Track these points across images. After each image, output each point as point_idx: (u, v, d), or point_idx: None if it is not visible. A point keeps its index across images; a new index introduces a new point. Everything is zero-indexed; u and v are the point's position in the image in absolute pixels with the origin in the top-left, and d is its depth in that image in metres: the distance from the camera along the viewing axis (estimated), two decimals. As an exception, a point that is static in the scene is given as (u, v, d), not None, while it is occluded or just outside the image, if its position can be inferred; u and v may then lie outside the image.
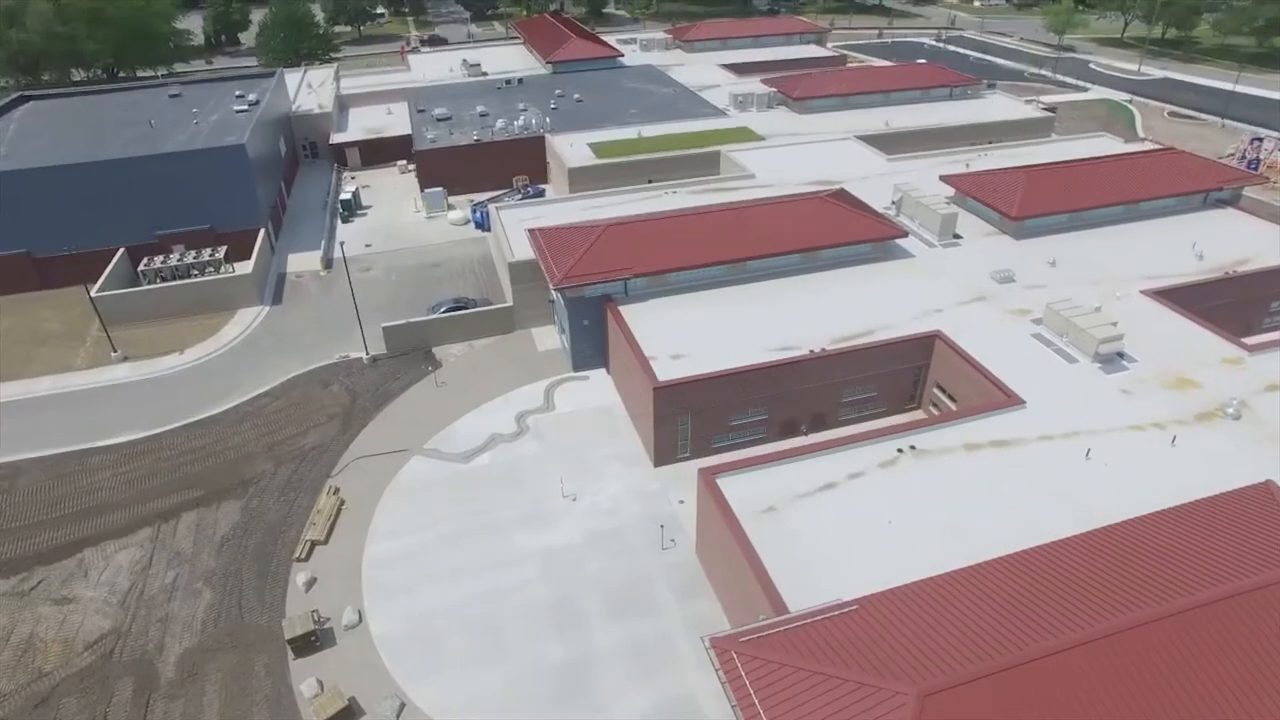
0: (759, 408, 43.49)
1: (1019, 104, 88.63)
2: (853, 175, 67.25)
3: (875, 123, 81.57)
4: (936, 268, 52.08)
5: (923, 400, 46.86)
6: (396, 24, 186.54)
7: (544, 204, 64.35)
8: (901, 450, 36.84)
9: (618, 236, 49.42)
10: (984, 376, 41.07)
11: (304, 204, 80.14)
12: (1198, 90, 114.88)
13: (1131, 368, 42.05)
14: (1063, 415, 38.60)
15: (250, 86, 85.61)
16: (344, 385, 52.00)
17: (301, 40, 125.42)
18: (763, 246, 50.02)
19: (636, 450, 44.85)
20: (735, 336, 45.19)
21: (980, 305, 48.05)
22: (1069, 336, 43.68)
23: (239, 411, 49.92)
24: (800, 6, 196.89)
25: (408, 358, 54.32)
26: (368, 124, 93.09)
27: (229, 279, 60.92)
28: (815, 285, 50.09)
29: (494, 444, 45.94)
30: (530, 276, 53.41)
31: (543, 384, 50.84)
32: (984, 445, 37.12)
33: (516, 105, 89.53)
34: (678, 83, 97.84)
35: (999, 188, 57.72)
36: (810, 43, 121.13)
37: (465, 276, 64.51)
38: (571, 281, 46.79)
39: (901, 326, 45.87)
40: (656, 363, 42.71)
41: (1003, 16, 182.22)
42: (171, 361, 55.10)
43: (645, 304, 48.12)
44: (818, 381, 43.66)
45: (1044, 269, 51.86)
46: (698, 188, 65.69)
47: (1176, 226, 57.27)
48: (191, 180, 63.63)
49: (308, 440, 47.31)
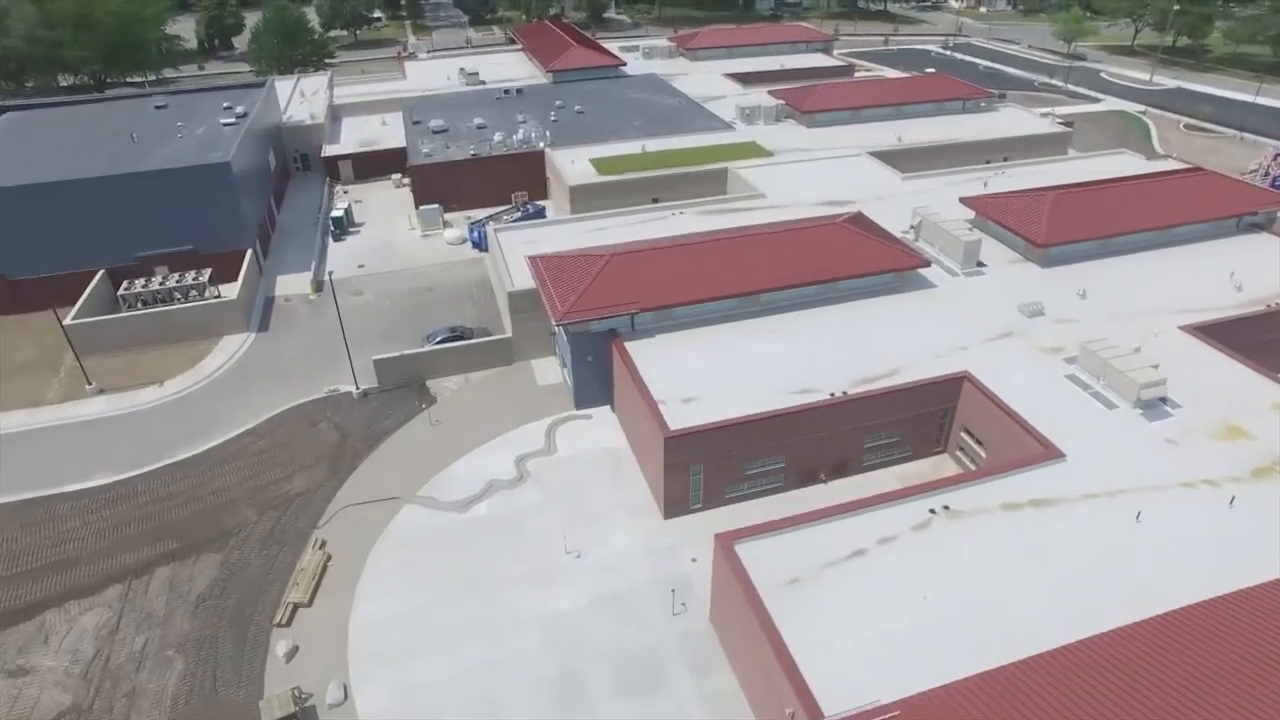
0: (776, 455, 40.58)
1: (1035, 117, 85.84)
2: (867, 195, 64.45)
3: (887, 137, 78.74)
4: (960, 299, 49.21)
5: (949, 444, 44.00)
6: (394, 28, 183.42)
7: (544, 225, 61.42)
8: (934, 511, 33.95)
9: (623, 267, 46.50)
10: (1018, 424, 38.21)
11: (295, 220, 77.12)
12: (1212, 101, 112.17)
13: (1176, 414, 39.22)
14: (1106, 470, 35.74)
15: (239, 97, 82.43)
16: (333, 423, 49.00)
17: (295, 46, 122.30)
18: (778, 278, 47.13)
19: (644, 500, 41.91)
20: (750, 376, 42.30)
21: (1009, 342, 45.18)
22: (1107, 379, 40.82)
23: (221, 452, 46.90)
24: (804, 12, 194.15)
25: (400, 392, 51.34)
26: (361, 135, 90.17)
27: (212, 305, 57.85)
28: (833, 318, 47.20)
29: (492, 491, 42.97)
30: (530, 306, 50.46)
31: (544, 423, 47.87)
32: (1023, 505, 34.24)
33: (515, 117, 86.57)
34: (682, 93, 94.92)
35: (1023, 212, 54.87)
36: (817, 51, 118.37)
37: (462, 302, 61.51)
38: (575, 317, 43.87)
39: (926, 365, 43.00)
40: (666, 408, 39.78)
41: (1009, 23, 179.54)
42: (151, 395, 52.06)
43: (653, 339, 45.20)
44: (839, 427, 40.78)
45: (1074, 301, 49.03)
46: (706, 209, 62.80)
47: (1210, 253, 54.46)
48: (174, 199, 60.58)
49: (293, 485, 44.31)
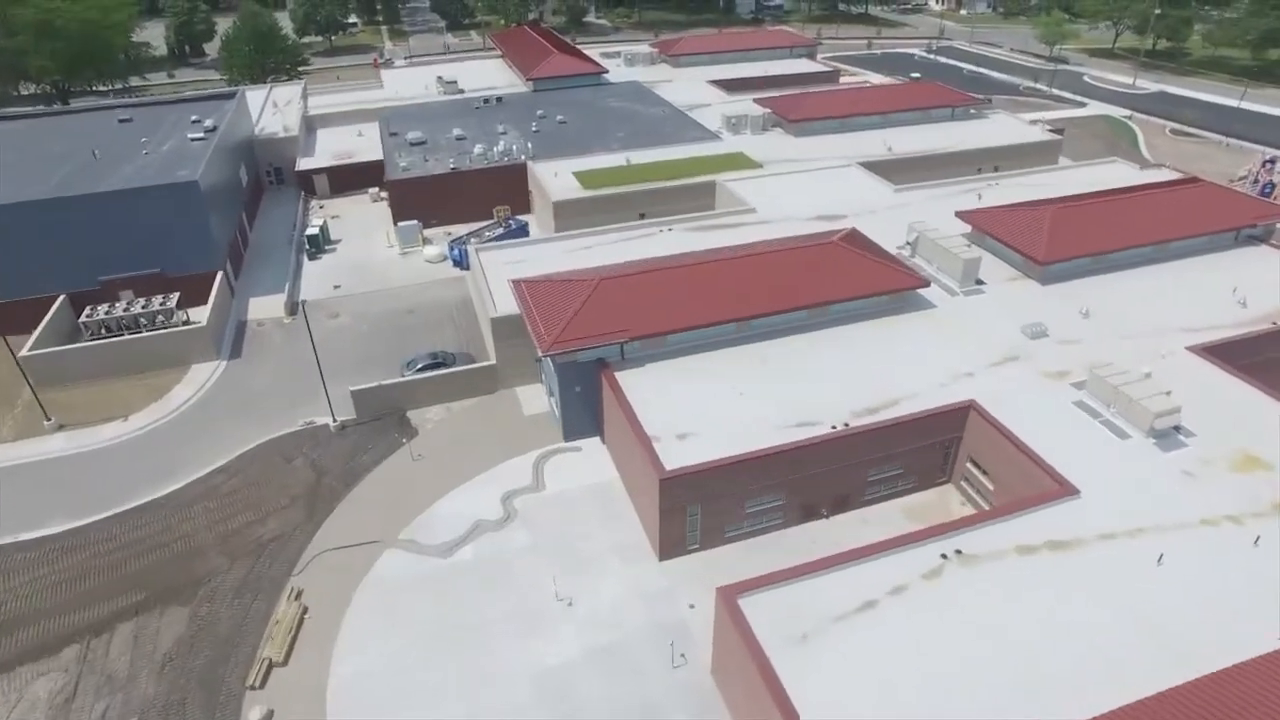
0: (776, 492, 38.69)
1: (1025, 125, 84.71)
2: (859, 208, 62.83)
3: (876, 147, 77.21)
4: (961, 320, 47.60)
5: (954, 474, 42.35)
6: (370, 33, 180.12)
7: (528, 245, 59.20)
8: (946, 556, 32.19)
9: (611, 293, 44.44)
10: (1030, 459, 36.57)
11: (268, 237, 74.33)
12: (1196, 105, 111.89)
13: (1191, 443, 37.75)
14: (1123, 507, 34.17)
15: (209, 109, 79.41)
16: (309, 459, 46.54)
17: (268, 54, 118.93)
18: (772, 302, 45.27)
19: (638, 539, 39.86)
20: (746, 408, 40.41)
21: (1013, 366, 43.58)
22: (1117, 407, 39.30)
23: (189, 492, 44.33)
24: (785, 15, 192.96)
25: (380, 424, 48.97)
26: (337, 147, 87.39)
27: (181, 333, 55.10)
28: (831, 343, 45.40)
29: (478, 533, 40.74)
30: (514, 332, 48.23)
31: (531, 456, 45.68)
32: (1039, 547, 32.57)
33: (496, 127, 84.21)
34: (666, 101, 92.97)
35: (1022, 227, 53.42)
36: (801, 56, 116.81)
37: (443, 325, 59.13)
38: (562, 347, 41.75)
39: (929, 394, 41.29)
40: (660, 445, 37.76)
41: (990, 25, 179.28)
42: (114, 430, 49.31)
43: (643, 369, 43.16)
44: (841, 462, 38.97)
45: (1076, 320, 47.57)
46: (694, 224, 60.87)
47: (1210, 268, 53.29)
48: (139, 220, 57.73)
49: (267, 529, 41.85)
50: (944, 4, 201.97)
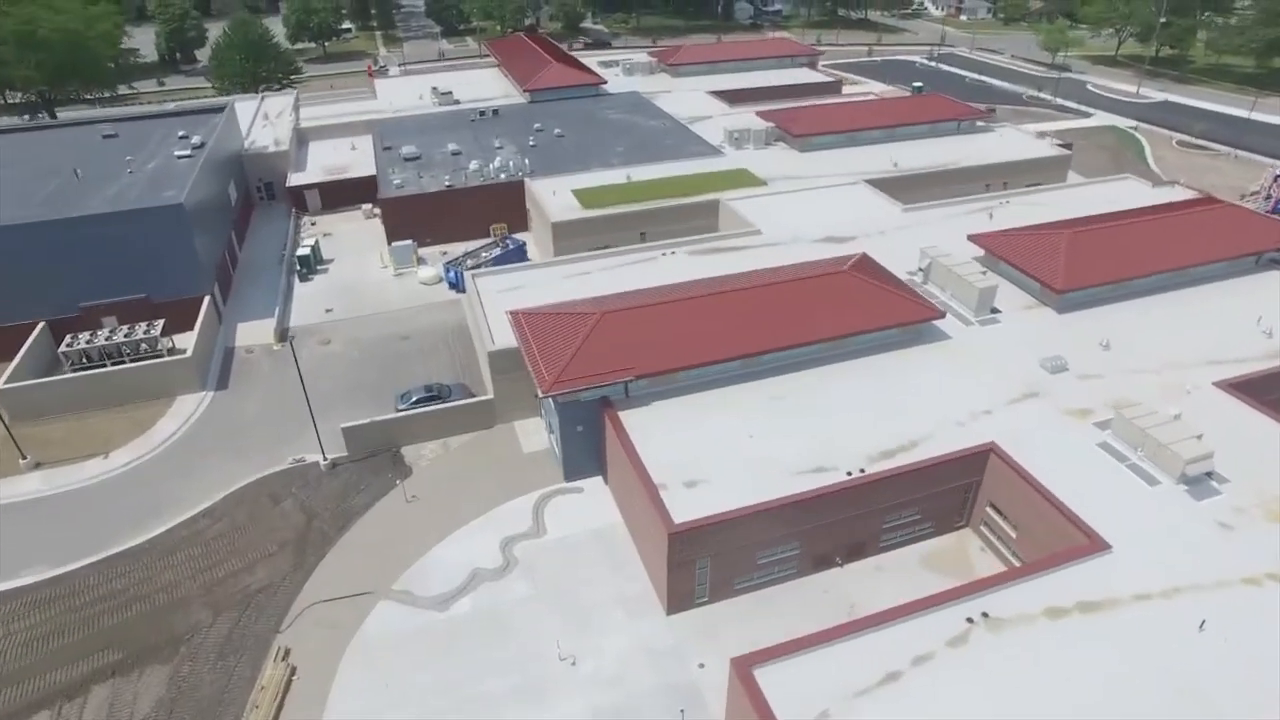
0: (790, 542, 36.81)
1: (1033, 139, 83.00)
2: (868, 229, 61.03)
3: (882, 162, 75.44)
4: (977, 352, 45.76)
5: (972, 518, 40.51)
6: (364, 39, 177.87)
7: (525, 270, 57.17)
8: (972, 620, 30.32)
9: (615, 327, 42.50)
10: (1057, 509, 34.72)
11: (258, 256, 72.21)
12: (1204, 115, 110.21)
13: (1224, 490, 35.96)
14: (1158, 563, 32.35)
15: (196, 124, 77.37)
16: (298, 500, 44.49)
17: (260, 63, 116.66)
18: (783, 336, 43.38)
19: (644, 590, 37.91)
20: (758, 451, 38.53)
21: (1034, 404, 41.75)
22: (1145, 450, 37.48)
23: (172, 538, 42.23)
24: (784, 20, 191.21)
25: (373, 462, 46.95)
26: (329, 162, 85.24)
27: (165, 364, 52.97)
28: (844, 377, 43.53)
29: (476, 583, 38.74)
30: (513, 365, 46.23)
31: (531, 498, 43.70)
32: (1070, 610, 30.71)
33: (492, 142, 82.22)
34: (666, 113, 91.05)
35: (1037, 252, 51.64)
36: (802, 65, 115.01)
37: (438, 352, 57.10)
38: (564, 387, 39.81)
39: (947, 435, 39.43)
40: (668, 494, 35.84)
41: (991, 32, 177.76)
42: (94, 468, 47.19)
43: (649, 408, 41.24)
44: (858, 510, 37.10)
45: (1096, 353, 45.78)
46: (698, 247, 58.93)
47: (1232, 294, 51.59)
48: (122, 244, 55.58)
49: (254, 578, 39.79)
50: (944, 9, 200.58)
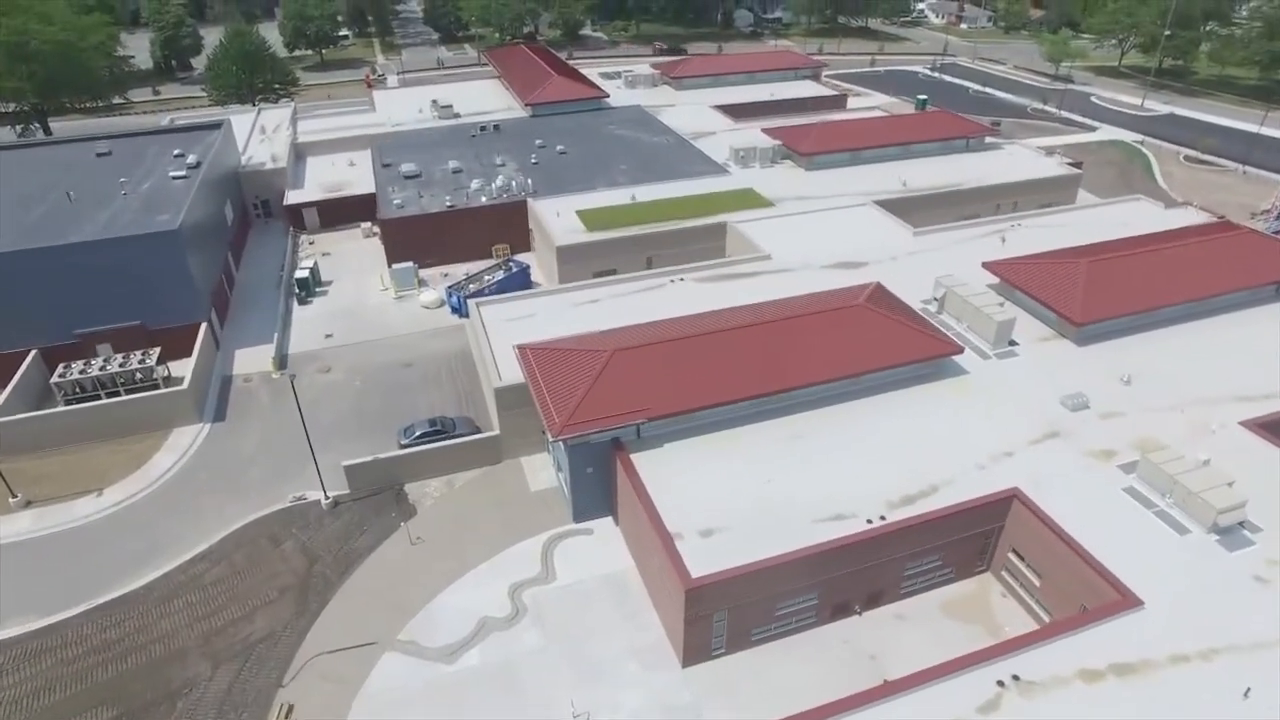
0: (808, 592, 35.68)
1: (1042, 158, 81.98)
2: (878, 254, 60.01)
3: (891, 182, 74.41)
4: (996, 390, 44.67)
5: (993, 563, 39.41)
6: (361, 46, 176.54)
7: (530, 298, 55.90)
8: (1003, 683, 29.24)
9: (626, 365, 41.31)
10: (1084, 560, 33.65)
11: (255, 277, 70.82)
12: (1209, 129, 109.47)
13: (1258, 540, 34.93)
14: (1193, 621, 31.31)
15: (192, 141, 75.92)
16: (299, 542, 43.18)
17: (256, 74, 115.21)
18: (798, 375, 42.22)
19: (658, 641, 36.69)
20: (774, 496, 37.38)
21: (1056, 445, 40.68)
22: (1174, 497, 36.44)
23: (169, 583, 40.88)
24: (785, 28, 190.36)
25: (375, 500, 45.69)
26: (327, 179, 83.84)
27: (161, 395, 51.61)
28: (861, 416, 42.40)
29: (485, 633, 37.48)
30: (520, 401, 45.09)
31: (540, 540, 42.47)
32: (1104, 672, 29.65)
33: (494, 159, 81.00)
34: (670, 129, 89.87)
35: (1055, 282, 50.60)
36: (806, 78, 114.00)
37: (441, 382, 55.82)
38: (575, 431, 38.61)
39: (968, 478, 38.34)
40: (684, 544, 34.68)
41: (993, 41, 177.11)
42: (87, 506, 45.80)
43: (661, 450, 40.04)
44: (878, 558, 35.97)
45: (1118, 388, 44.76)
46: (707, 274, 57.78)
47: (1252, 324, 50.65)
48: (116, 270, 54.11)
49: (254, 627, 38.49)
50: (944, 18, 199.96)
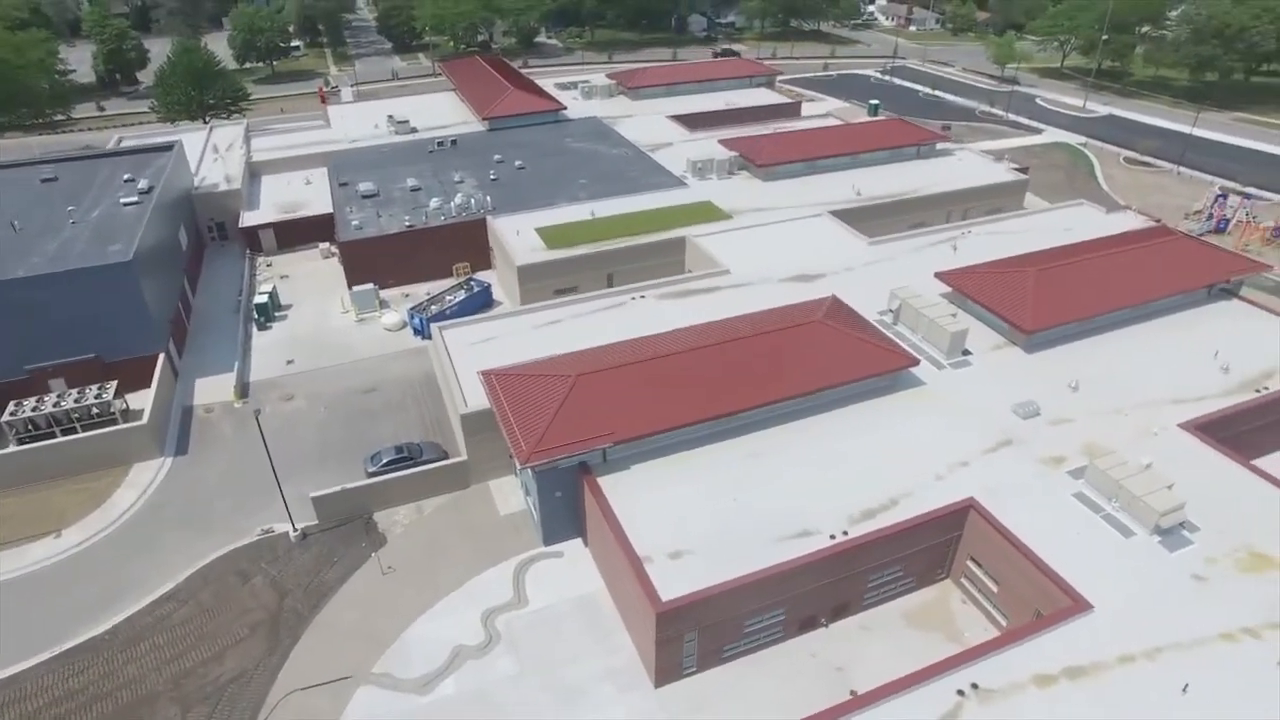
0: (776, 608, 36.63)
1: (991, 163, 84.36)
2: (835, 265, 61.37)
3: (845, 191, 75.96)
4: (951, 399, 46.15)
5: (953, 570, 40.81)
6: (314, 57, 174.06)
7: (492, 319, 56.01)
8: (963, 692, 30.47)
9: (590, 390, 41.86)
10: (1037, 568, 35.11)
11: (213, 303, 69.78)
12: (1147, 130, 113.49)
13: (1196, 540, 36.77)
14: (1138, 622, 32.92)
15: (142, 164, 74.36)
16: (268, 577, 42.94)
17: (206, 91, 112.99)
18: (760, 393, 43.16)
19: (631, 662, 37.33)
20: (740, 516, 38.29)
21: (1009, 453, 42.25)
22: (1119, 501, 38.16)
23: (134, 626, 40.38)
24: (738, 33, 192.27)
25: (344, 530, 45.60)
26: (283, 198, 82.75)
27: (120, 431, 50.75)
28: (821, 433, 43.50)
29: (459, 662, 37.76)
30: (486, 426, 45.34)
31: (510, 564, 42.84)
32: (1057, 676, 31.06)
33: (452, 175, 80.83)
34: (627, 141, 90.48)
35: (1005, 291, 52.36)
36: (761, 86, 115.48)
37: (406, 406, 55.75)
38: (542, 458, 39.05)
39: (928, 490, 39.68)
40: (653, 567, 35.38)
41: (941, 43, 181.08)
42: (45, 549, 44.93)
43: (628, 472, 40.70)
44: (843, 572, 37.07)
45: (1066, 395, 46.55)
46: (667, 290, 58.53)
47: (1188, 327, 53.03)
48: (68, 304, 53.02)
49: (225, 667, 38.24)
50: (894, 20, 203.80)
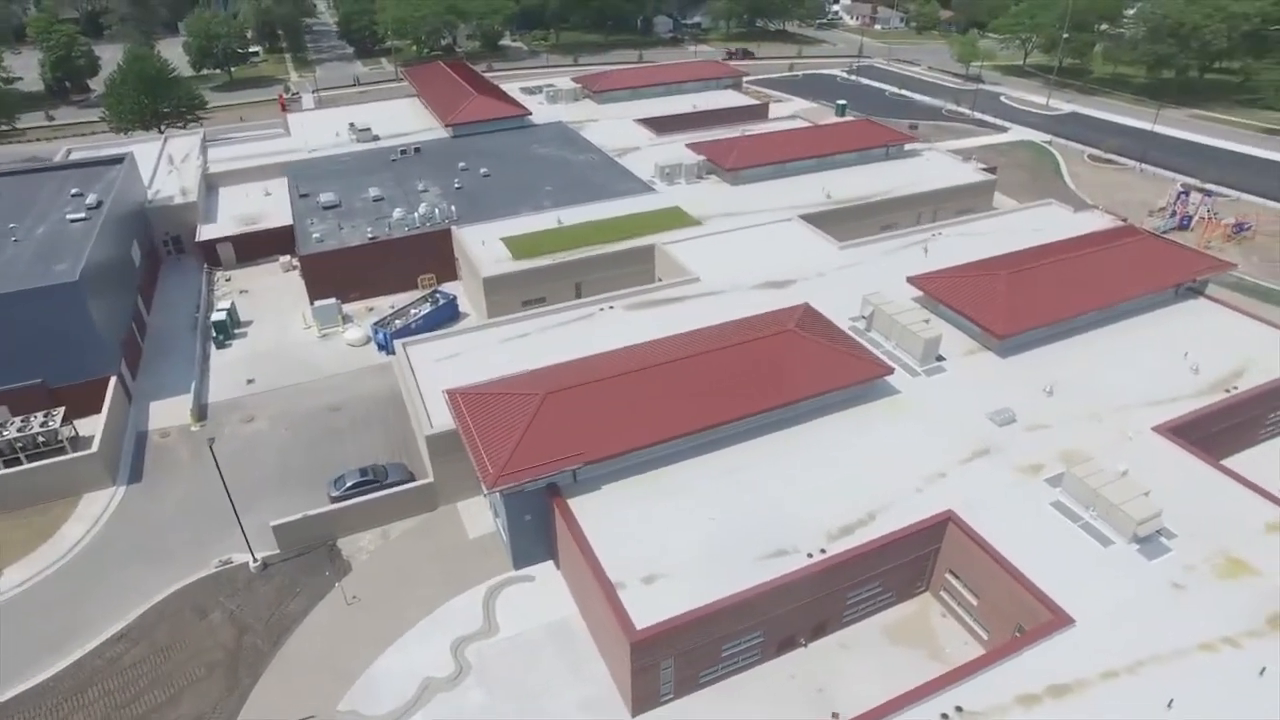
0: (754, 631, 35.73)
1: (959, 164, 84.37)
2: (806, 271, 60.74)
3: (815, 194, 75.46)
4: (926, 408, 45.58)
5: (932, 583, 40.22)
6: (273, 63, 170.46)
7: (458, 334, 54.43)
8: (947, 716, 29.79)
9: (559, 408, 40.68)
10: (1018, 582, 34.58)
11: (169, 321, 67.36)
12: (1109, 128, 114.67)
13: (1173, 547, 36.51)
14: (1120, 634, 32.51)
15: (91, 178, 71.75)
16: (227, 612, 41.16)
17: (159, 100, 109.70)
18: (732, 407, 42.25)
19: (606, 691, 36.19)
20: (714, 534, 37.36)
21: (986, 462, 41.77)
22: (1097, 510, 37.79)
23: (82, 670, 38.38)
24: (704, 33, 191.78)
25: (307, 558, 43.93)
26: (242, 210, 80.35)
27: (67, 461, 48.51)
28: (795, 445, 42.67)
29: (429, 695, 36.36)
30: (453, 447, 43.90)
31: (480, 590, 41.48)
32: (1041, 696, 30.50)
33: (415, 184, 79.05)
34: (594, 146, 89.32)
35: (977, 295, 52.03)
36: (728, 87, 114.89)
37: (371, 424, 54.08)
38: (509, 482, 37.78)
39: (906, 503, 39.03)
40: (627, 594, 34.29)
41: (906, 42, 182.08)
42: (-10, 589, 42.85)
43: (598, 493, 39.58)
44: (822, 591, 36.29)
45: (1041, 400, 46.25)
46: (637, 299, 57.46)
47: (1157, 327, 53.14)
48: (11, 327, 50.63)
49: (181, 710, 36.45)
50: (859, 19, 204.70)
